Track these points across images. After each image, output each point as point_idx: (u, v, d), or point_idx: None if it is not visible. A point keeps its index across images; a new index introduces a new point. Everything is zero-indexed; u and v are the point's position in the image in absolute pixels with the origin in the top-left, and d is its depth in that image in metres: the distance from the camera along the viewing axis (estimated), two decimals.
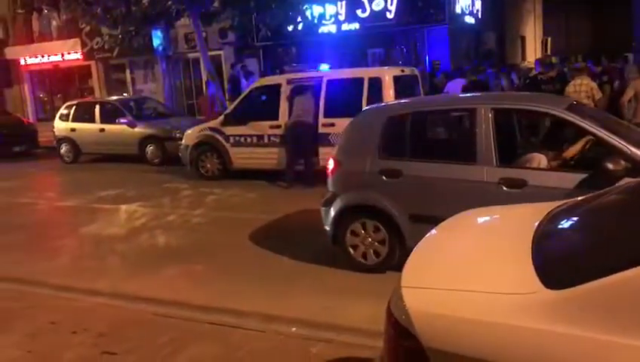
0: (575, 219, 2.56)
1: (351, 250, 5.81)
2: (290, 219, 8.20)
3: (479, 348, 1.82)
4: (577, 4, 26.31)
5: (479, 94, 9.44)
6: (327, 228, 5.96)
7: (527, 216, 2.59)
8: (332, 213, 5.82)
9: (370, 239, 5.69)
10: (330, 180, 5.98)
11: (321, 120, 10.02)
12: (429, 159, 5.47)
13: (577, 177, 4.54)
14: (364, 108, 6.94)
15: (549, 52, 22.93)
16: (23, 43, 23.85)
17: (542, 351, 1.71)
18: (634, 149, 4.43)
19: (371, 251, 5.71)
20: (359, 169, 5.64)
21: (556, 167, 5.13)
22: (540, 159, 5.19)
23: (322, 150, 10.03)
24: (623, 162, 4.29)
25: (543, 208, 2.65)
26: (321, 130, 10.03)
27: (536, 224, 2.42)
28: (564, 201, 2.74)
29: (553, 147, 5.58)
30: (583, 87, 9.46)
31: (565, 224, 2.51)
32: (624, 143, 4.50)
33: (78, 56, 22.70)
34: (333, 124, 9.87)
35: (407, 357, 2.02)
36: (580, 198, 2.82)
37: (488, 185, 4.87)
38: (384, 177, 5.48)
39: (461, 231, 2.85)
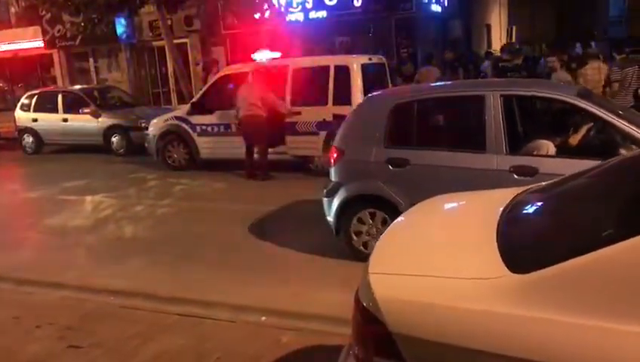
0: (539, 204, 2.59)
1: (354, 237, 5.70)
2: (260, 209, 8.16)
3: (446, 333, 1.84)
4: None
5: (487, 80, 9.46)
6: (330, 218, 5.82)
7: (494, 202, 2.62)
8: (336, 202, 5.68)
9: (375, 230, 5.56)
10: (333, 170, 5.83)
11: (290, 108, 9.96)
12: (437, 147, 5.35)
13: (589, 164, 4.42)
14: (368, 95, 6.67)
15: (514, 40, 23.20)
16: None
17: (508, 335, 1.73)
18: None
19: (374, 242, 5.57)
20: (364, 158, 5.50)
21: (566, 154, 4.99)
22: (549, 146, 5.12)
23: (289, 138, 10.02)
24: (634, 147, 4.31)
25: (509, 193, 2.69)
26: (288, 118, 9.98)
27: (502, 209, 2.45)
28: (529, 186, 2.78)
29: (558, 134, 5.49)
30: (602, 70, 9.78)
31: (529, 209, 2.55)
32: (635, 129, 4.51)
33: (40, 44, 22.11)
34: (299, 113, 9.86)
35: (374, 344, 2.02)
36: (544, 183, 2.86)
37: (499, 173, 4.78)
38: (390, 166, 5.36)
39: (428, 217, 2.87)
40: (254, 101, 9.88)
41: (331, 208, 5.76)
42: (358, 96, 9.76)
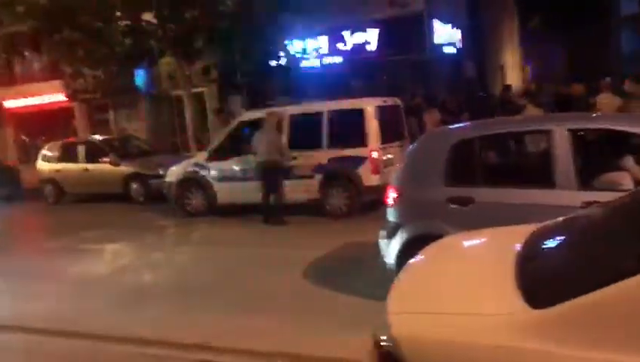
0: (556, 239, 2.56)
1: None
2: (287, 252, 8.15)
3: None
4: (553, 32, 26.89)
5: (552, 114, 9.42)
6: (389, 260, 5.59)
7: (510, 238, 2.59)
8: (396, 244, 5.48)
9: None
10: (391, 210, 5.65)
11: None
12: (502, 185, 5.17)
13: None
14: (425, 133, 6.56)
15: (529, 78, 23.32)
16: (4, 85, 23.79)
17: None
18: None
19: None
20: (424, 197, 5.34)
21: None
22: (625, 179, 4.87)
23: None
24: None
25: (524, 230, 2.65)
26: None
27: (519, 246, 2.42)
28: (545, 223, 2.75)
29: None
30: (616, 101, 10.10)
31: (546, 245, 2.51)
32: None
33: (62, 97, 22.67)
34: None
35: None
36: (560, 219, 2.82)
37: (570, 210, 4.69)
38: (452, 205, 5.16)
39: (444, 255, 2.84)
40: (273, 146, 10.00)
41: (390, 250, 5.55)
42: (374, 137, 9.87)
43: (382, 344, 2.07)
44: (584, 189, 4.74)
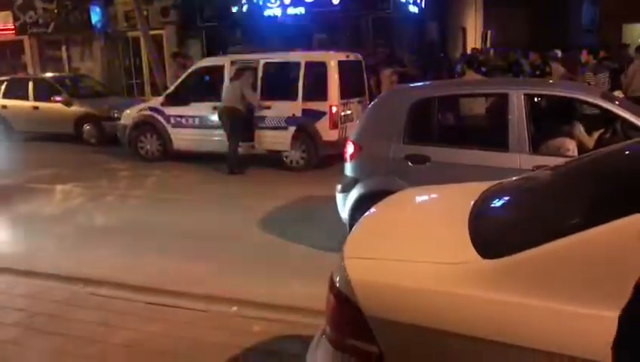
0: (509, 197, 2.67)
1: None
2: (235, 201, 8.15)
3: (419, 315, 1.88)
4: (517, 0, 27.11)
5: (510, 79, 9.52)
6: (344, 214, 5.69)
7: (465, 194, 2.68)
8: (351, 198, 5.56)
9: None
10: (349, 165, 5.71)
11: (260, 102, 10.06)
12: (458, 145, 5.27)
13: None
14: (386, 91, 6.54)
15: (488, 45, 23.51)
16: None
17: (479, 317, 1.79)
18: None
19: None
20: (382, 154, 5.38)
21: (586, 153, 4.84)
22: (571, 145, 5.09)
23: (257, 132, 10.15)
24: None
25: (479, 187, 2.75)
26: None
27: (473, 201, 2.52)
28: (499, 181, 2.85)
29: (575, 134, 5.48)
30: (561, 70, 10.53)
31: (499, 201, 2.62)
32: None
33: (10, 29, 21.64)
34: (269, 107, 9.97)
35: (348, 327, 2.06)
36: (514, 178, 2.94)
37: (522, 173, 4.72)
38: (410, 163, 5.25)
39: (402, 206, 2.93)
40: (235, 94, 9.87)
41: (346, 204, 5.63)
42: (334, 92, 9.85)
43: (336, 286, 2.14)
44: (536, 154, 4.89)
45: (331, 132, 9.86)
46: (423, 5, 20.49)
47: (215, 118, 10.28)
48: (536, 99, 5.87)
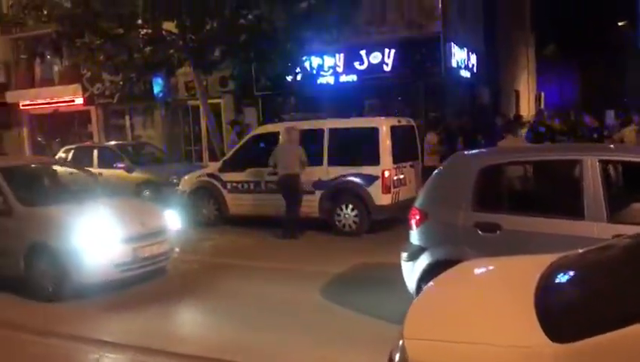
0: (577, 272, 2.57)
1: None
2: (293, 267, 8.16)
3: None
4: (568, 61, 26.97)
5: (583, 144, 9.38)
6: (410, 283, 5.50)
7: (528, 268, 2.61)
8: (418, 267, 5.38)
9: None
10: (415, 232, 5.55)
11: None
12: (530, 213, 5.04)
13: None
14: (452, 156, 6.33)
15: (542, 106, 23.34)
16: (24, 87, 24.09)
17: None
18: None
19: None
20: (450, 221, 5.23)
21: None
22: None
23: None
24: None
25: (544, 260, 2.68)
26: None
27: (538, 276, 2.44)
28: (565, 253, 2.77)
29: None
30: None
31: (567, 277, 2.53)
32: None
33: (79, 101, 22.91)
34: None
35: None
36: (580, 251, 2.84)
37: (599, 243, 4.21)
38: (480, 231, 5.07)
39: (463, 280, 2.87)
40: (294, 160, 10.05)
41: (413, 273, 5.44)
42: (387, 157, 9.92)
43: None
44: (613, 222, 4.63)
45: (384, 196, 9.86)
46: (475, 70, 20.60)
47: (270, 183, 10.46)
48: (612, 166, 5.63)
